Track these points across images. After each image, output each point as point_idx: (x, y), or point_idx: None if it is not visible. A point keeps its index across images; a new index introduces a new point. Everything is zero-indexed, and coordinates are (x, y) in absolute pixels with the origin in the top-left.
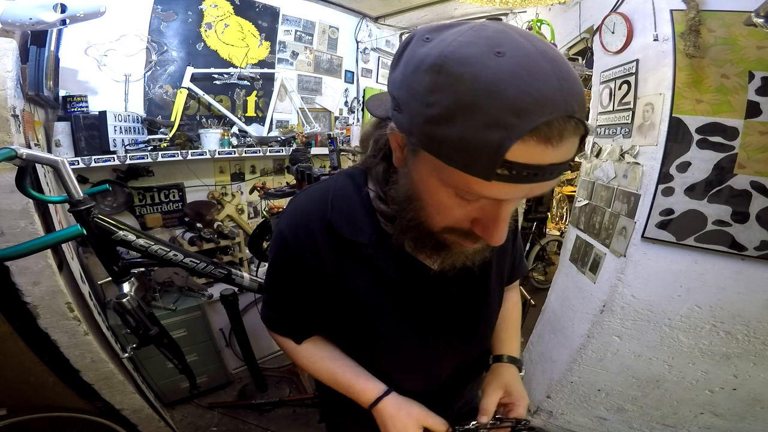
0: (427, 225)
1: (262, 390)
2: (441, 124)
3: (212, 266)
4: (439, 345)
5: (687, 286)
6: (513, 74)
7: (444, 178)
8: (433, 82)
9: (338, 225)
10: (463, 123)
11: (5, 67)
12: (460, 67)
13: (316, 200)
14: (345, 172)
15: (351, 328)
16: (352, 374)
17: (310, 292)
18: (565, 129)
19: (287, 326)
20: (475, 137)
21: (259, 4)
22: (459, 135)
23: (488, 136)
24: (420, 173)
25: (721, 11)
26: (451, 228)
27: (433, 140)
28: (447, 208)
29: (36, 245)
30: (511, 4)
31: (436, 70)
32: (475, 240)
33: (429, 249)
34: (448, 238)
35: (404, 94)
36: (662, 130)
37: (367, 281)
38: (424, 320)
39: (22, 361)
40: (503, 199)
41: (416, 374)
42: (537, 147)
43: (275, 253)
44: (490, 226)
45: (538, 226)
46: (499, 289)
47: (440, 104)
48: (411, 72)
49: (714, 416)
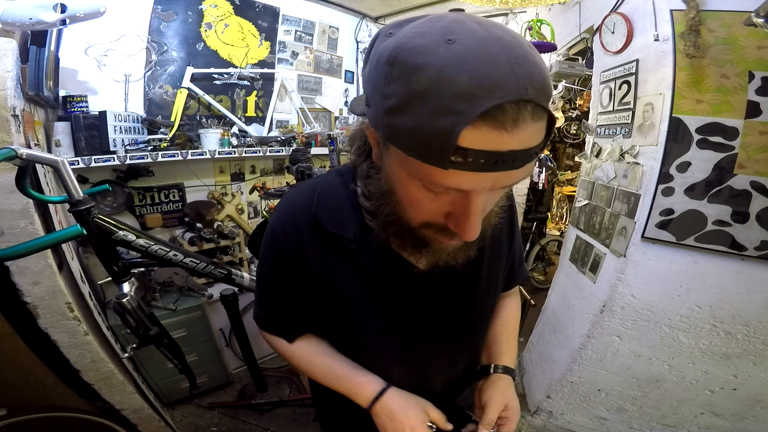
0: (405, 220)
1: (262, 390)
2: (397, 114)
3: (212, 266)
4: (426, 346)
5: (687, 286)
6: (462, 60)
7: (410, 170)
8: (388, 73)
9: (323, 219)
10: (415, 112)
11: (5, 67)
12: (412, 57)
13: (305, 196)
14: (335, 170)
15: (336, 325)
16: (349, 369)
17: (298, 286)
18: (519, 113)
19: (279, 324)
20: (426, 125)
21: (259, 4)
22: (413, 124)
23: (438, 124)
24: (392, 167)
25: (721, 11)
26: (428, 223)
27: (392, 131)
28: (419, 202)
29: (36, 245)
30: (511, 4)
31: (391, 61)
32: (451, 236)
33: (410, 245)
34: (426, 234)
35: (369, 89)
36: (662, 130)
37: (351, 277)
38: (410, 319)
39: (22, 361)
40: (467, 189)
41: (404, 375)
42: (490, 133)
43: (265, 248)
44: (461, 220)
45: (538, 226)
46: (491, 292)
47: (395, 95)
48: (374, 66)
49: (714, 416)
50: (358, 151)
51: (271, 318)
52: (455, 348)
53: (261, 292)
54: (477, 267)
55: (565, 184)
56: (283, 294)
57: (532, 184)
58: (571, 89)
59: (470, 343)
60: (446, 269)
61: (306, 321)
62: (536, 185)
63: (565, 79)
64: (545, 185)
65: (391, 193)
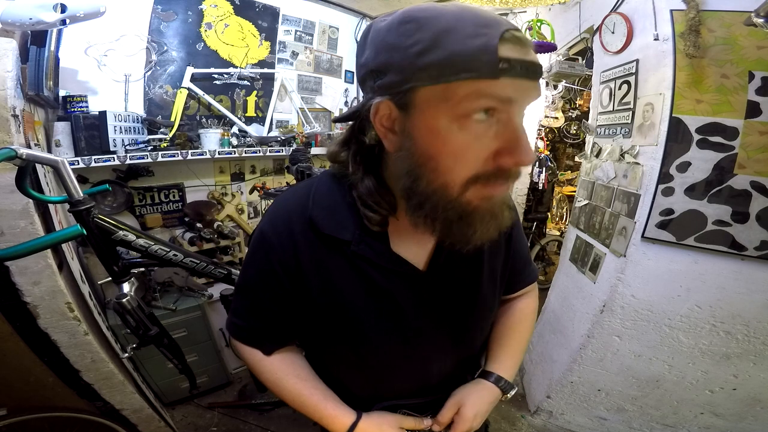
0: (446, 188)
1: (262, 390)
2: (431, 51)
3: (212, 266)
4: (427, 349)
5: (687, 286)
6: (464, 9)
7: (453, 106)
8: (407, 29)
9: (319, 221)
10: (448, 42)
11: (5, 67)
12: (423, 12)
13: (298, 197)
14: (328, 171)
15: (333, 329)
16: (319, 397)
17: (287, 293)
18: (522, 37)
19: (258, 334)
20: (465, 46)
21: (259, 4)
22: (450, 51)
23: (476, 42)
24: (425, 124)
25: (721, 11)
26: (475, 177)
27: (427, 69)
28: (464, 149)
29: (36, 245)
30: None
31: (406, 20)
32: (504, 180)
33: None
34: (471, 197)
35: (384, 57)
36: (662, 130)
37: (349, 279)
38: (410, 321)
39: (22, 361)
40: (513, 98)
41: (405, 379)
42: (515, 47)
43: (253, 251)
44: (513, 142)
45: (538, 226)
46: (492, 292)
47: (423, 40)
48: (383, 38)
49: (714, 416)
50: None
51: (250, 327)
52: (456, 349)
53: (241, 298)
54: (478, 266)
55: (565, 184)
56: (267, 301)
57: (532, 184)
58: (571, 89)
59: (471, 346)
60: (447, 269)
61: (288, 334)
62: (536, 185)
63: (565, 79)
64: (545, 185)
65: (427, 160)
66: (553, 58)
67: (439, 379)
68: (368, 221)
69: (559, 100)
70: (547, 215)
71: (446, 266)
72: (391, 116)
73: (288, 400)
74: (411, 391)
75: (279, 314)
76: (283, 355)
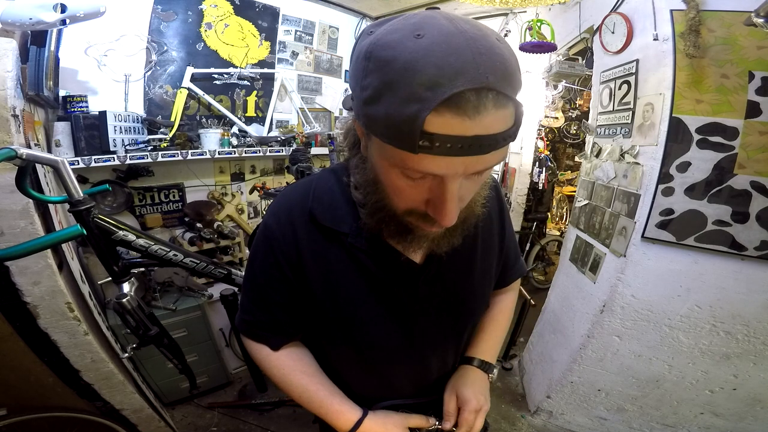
0: (390, 207)
1: (262, 390)
2: (372, 104)
3: (212, 266)
4: (424, 340)
5: (687, 286)
6: (428, 52)
7: (388, 157)
8: (365, 67)
9: (319, 214)
10: (387, 100)
11: (5, 67)
12: (383, 51)
13: (300, 192)
14: (329, 167)
15: (333, 322)
16: (325, 393)
17: (291, 284)
18: (480, 101)
19: (264, 328)
20: (396, 112)
21: (259, 4)
22: (384, 112)
23: (406, 110)
24: (375, 156)
25: (721, 11)
26: (410, 210)
27: (370, 120)
28: (400, 189)
29: (36, 245)
30: (511, 4)
31: (367, 56)
32: (431, 223)
33: (396, 233)
34: (409, 221)
35: (352, 83)
36: (662, 130)
37: (347, 271)
38: (407, 314)
39: (22, 361)
40: (438, 174)
41: (404, 376)
42: (454, 119)
43: (257, 244)
44: (438, 206)
45: (538, 226)
46: (485, 284)
47: (371, 86)
48: (354, 62)
49: (714, 416)
50: (349, 147)
51: (256, 321)
52: (452, 341)
53: (248, 292)
54: (472, 260)
55: (565, 184)
56: (272, 293)
57: (532, 184)
58: (571, 89)
59: (465, 336)
60: (442, 263)
61: (294, 326)
62: (536, 185)
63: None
64: (545, 185)
65: (377, 182)
66: (553, 58)
67: (437, 376)
68: (359, 205)
69: (559, 100)
70: (547, 215)
71: (442, 260)
72: (362, 132)
73: (295, 395)
74: (411, 390)
75: (284, 306)
76: (290, 351)
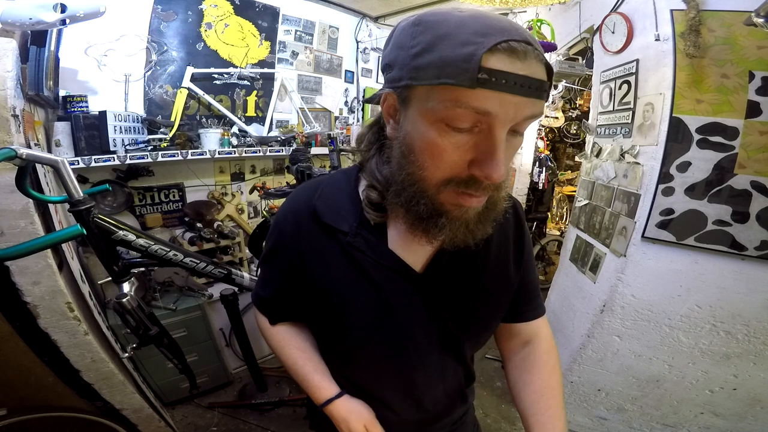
0: (423, 182)
1: (262, 390)
2: (423, 54)
3: (212, 266)
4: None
5: (687, 286)
6: (474, 18)
7: (434, 110)
8: (414, 31)
9: (321, 211)
10: (441, 47)
11: (5, 67)
12: (434, 16)
13: (309, 189)
14: (342, 169)
15: (326, 318)
16: (311, 368)
17: (294, 268)
18: (526, 50)
19: (267, 304)
20: (453, 53)
21: (259, 4)
22: (439, 56)
23: (463, 50)
24: (413, 120)
25: (721, 11)
26: (449, 179)
27: (419, 70)
28: (441, 151)
29: (36, 245)
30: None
31: (416, 23)
32: (475, 189)
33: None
34: (444, 199)
35: (394, 54)
36: (662, 130)
37: (344, 270)
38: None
39: (22, 361)
40: (493, 112)
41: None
42: (506, 58)
43: (271, 231)
44: (487, 159)
45: (538, 226)
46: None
47: (422, 43)
48: (396, 36)
49: (714, 416)
50: (368, 147)
51: (261, 297)
52: (448, 359)
53: (261, 270)
54: (478, 279)
55: (565, 184)
56: (277, 272)
57: (532, 184)
58: (571, 89)
59: (462, 354)
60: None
61: (290, 310)
62: (536, 185)
63: (565, 79)
64: (545, 185)
65: (410, 153)
66: (553, 58)
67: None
68: (370, 204)
69: (559, 100)
70: (547, 215)
71: (444, 272)
72: (394, 107)
73: (286, 366)
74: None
75: (285, 288)
76: (289, 327)
